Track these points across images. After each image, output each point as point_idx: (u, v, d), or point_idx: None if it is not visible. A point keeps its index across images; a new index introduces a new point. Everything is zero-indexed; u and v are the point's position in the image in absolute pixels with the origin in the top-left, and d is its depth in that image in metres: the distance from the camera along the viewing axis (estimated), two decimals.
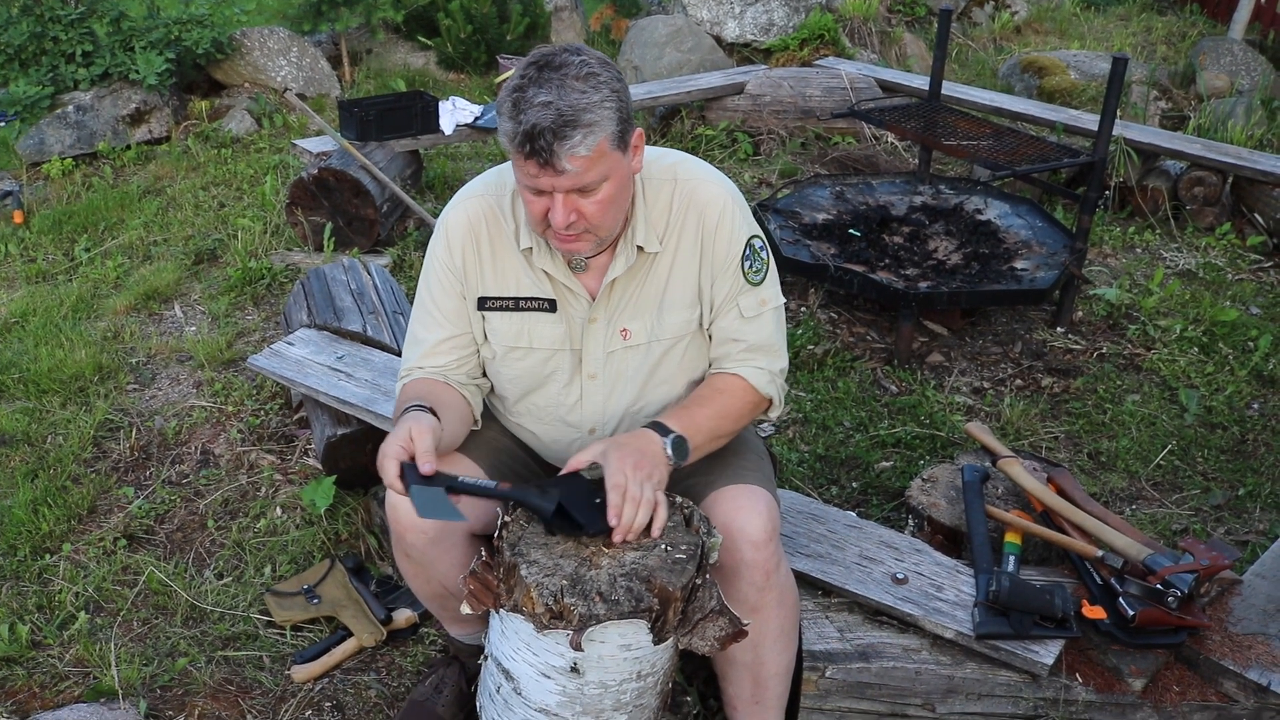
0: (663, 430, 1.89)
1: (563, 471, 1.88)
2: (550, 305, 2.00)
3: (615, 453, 1.82)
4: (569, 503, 1.83)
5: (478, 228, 2.00)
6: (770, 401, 2.08)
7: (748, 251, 2.02)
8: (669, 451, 1.87)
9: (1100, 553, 2.29)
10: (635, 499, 1.76)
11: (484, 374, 2.13)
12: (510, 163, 2.03)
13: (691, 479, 2.09)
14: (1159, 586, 2.19)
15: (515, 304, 2.01)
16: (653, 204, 1.98)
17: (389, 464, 1.79)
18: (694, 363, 2.09)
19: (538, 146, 1.71)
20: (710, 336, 2.08)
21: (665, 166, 2.01)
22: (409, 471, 1.80)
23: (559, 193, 1.77)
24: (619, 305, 2.00)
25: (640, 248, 1.96)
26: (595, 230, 1.85)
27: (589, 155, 1.73)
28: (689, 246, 2.00)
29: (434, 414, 1.90)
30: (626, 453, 1.82)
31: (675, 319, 2.03)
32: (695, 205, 1.99)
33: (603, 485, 1.82)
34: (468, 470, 2.02)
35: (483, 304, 2.03)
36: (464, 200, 2.03)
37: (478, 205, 2.01)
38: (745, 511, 1.94)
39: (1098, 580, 2.30)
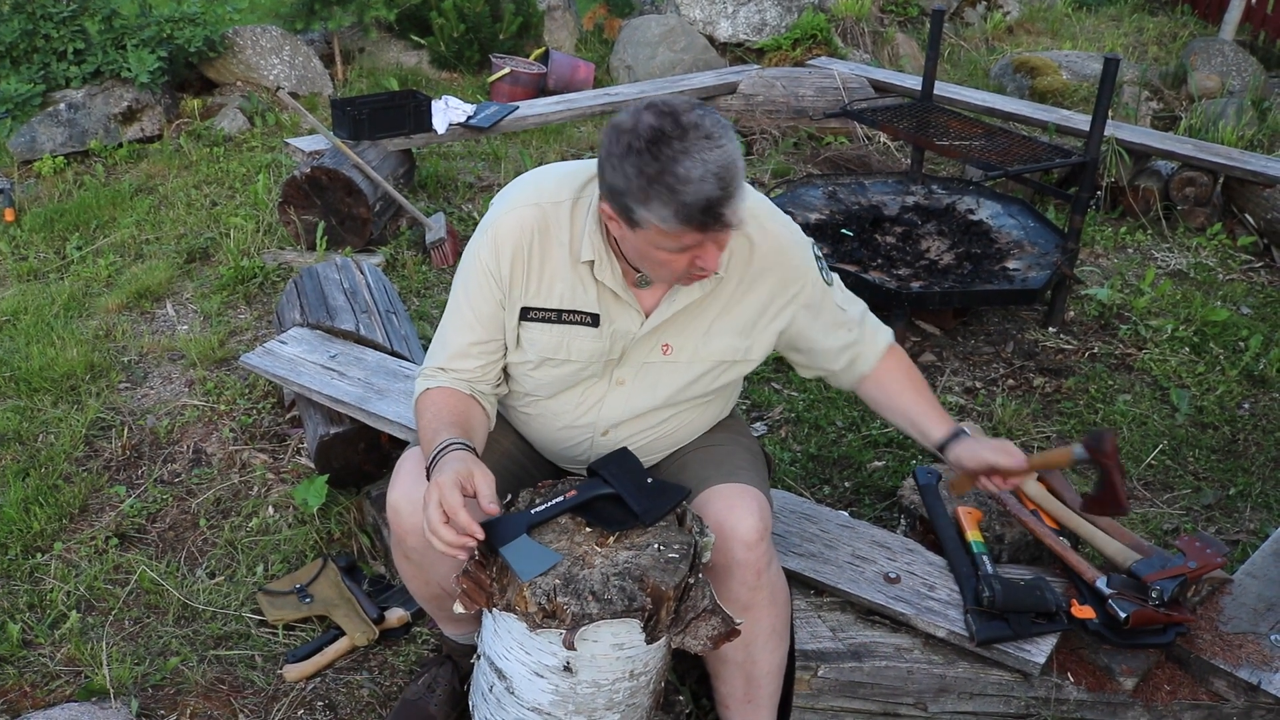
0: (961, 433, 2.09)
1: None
2: (593, 320, 1.97)
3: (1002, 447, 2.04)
4: (626, 493, 1.88)
5: (530, 237, 1.94)
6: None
7: (819, 265, 2.08)
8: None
9: (1101, 579, 2.27)
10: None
11: (502, 380, 2.10)
12: (571, 171, 1.99)
13: (684, 476, 2.09)
14: (1148, 587, 2.21)
15: (558, 316, 1.97)
16: None
17: (451, 494, 1.72)
18: (721, 384, 2.10)
19: (715, 214, 1.69)
20: (807, 349, 2.15)
21: None
22: (492, 532, 1.79)
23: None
24: (669, 321, 2.00)
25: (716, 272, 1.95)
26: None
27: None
28: (757, 288, 2.00)
29: (475, 451, 1.88)
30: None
31: (721, 344, 2.02)
32: (768, 251, 2.00)
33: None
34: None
35: (525, 314, 1.98)
36: (518, 207, 1.96)
37: (532, 214, 1.95)
38: (737, 511, 1.94)
39: (1085, 582, 2.30)
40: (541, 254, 1.95)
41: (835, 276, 2.17)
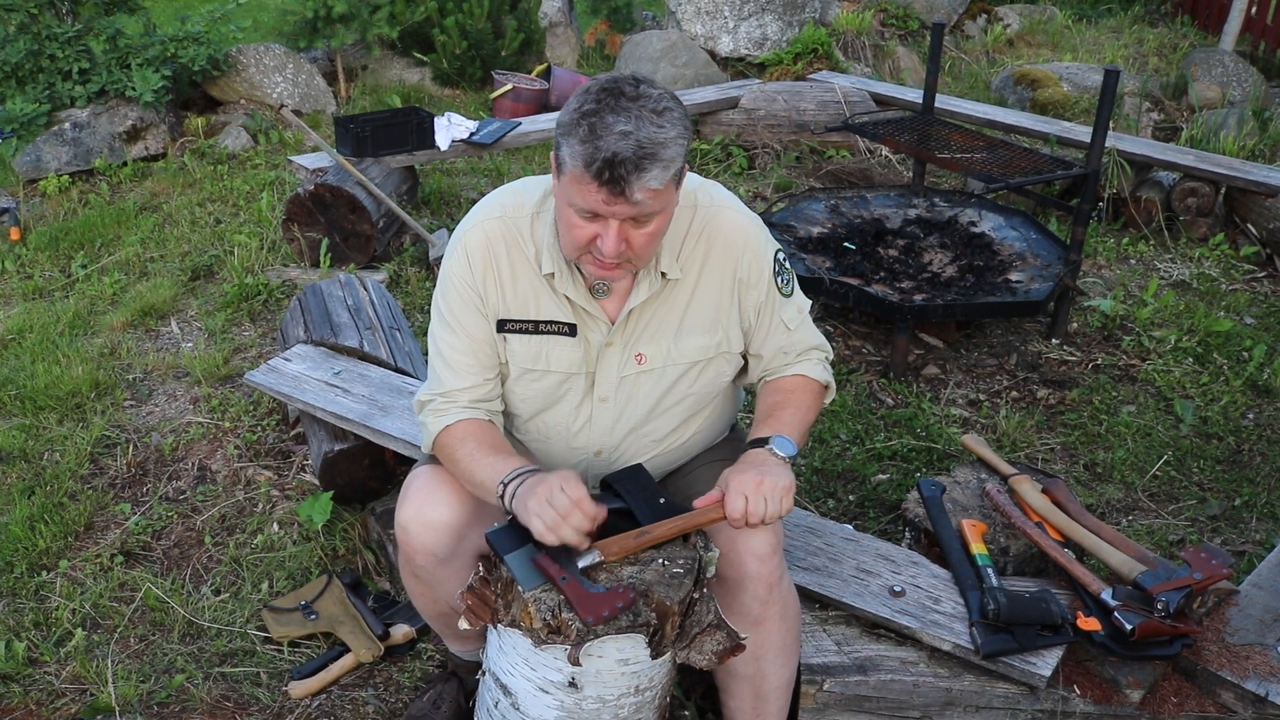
0: (760, 441, 1.94)
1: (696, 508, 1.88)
2: (570, 329, 1.98)
3: (734, 479, 1.85)
4: (639, 511, 1.88)
5: (496, 249, 1.97)
6: (828, 386, 2.15)
7: (776, 268, 2.06)
8: (778, 453, 1.92)
9: (1106, 591, 2.27)
10: (756, 519, 1.83)
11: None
12: (526, 182, 2.03)
13: (695, 492, 2.08)
14: (1153, 599, 2.20)
15: (535, 327, 1.99)
16: (673, 230, 1.97)
17: (575, 486, 1.76)
18: (707, 386, 2.09)
19: (616, 175, 1.68)
20: (748, 355, 2.12)
21: (684, 193, 2.00)
22: (499, 540, 1.81)
23: (614, 220, 1.76)
24: (636, 329, 2.00)
25: (664, 274, 1.96)
26: (636, 261, 1.85)
27: (660, 189, 1.73)
28: (711, 273, 2.00)
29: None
30: (746, 474, 1.85)
31: (693, 343, 2.03)
32: (717, 233, 2.00)
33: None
34: None
35: (502, 326, 2.00)
36: (481, 221, 1.99)
37: (496, 226, 1.98)
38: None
39: (1090, 594, 2.30)
40: (511, 265, 1.98)
41: (798, 294, 2.12)
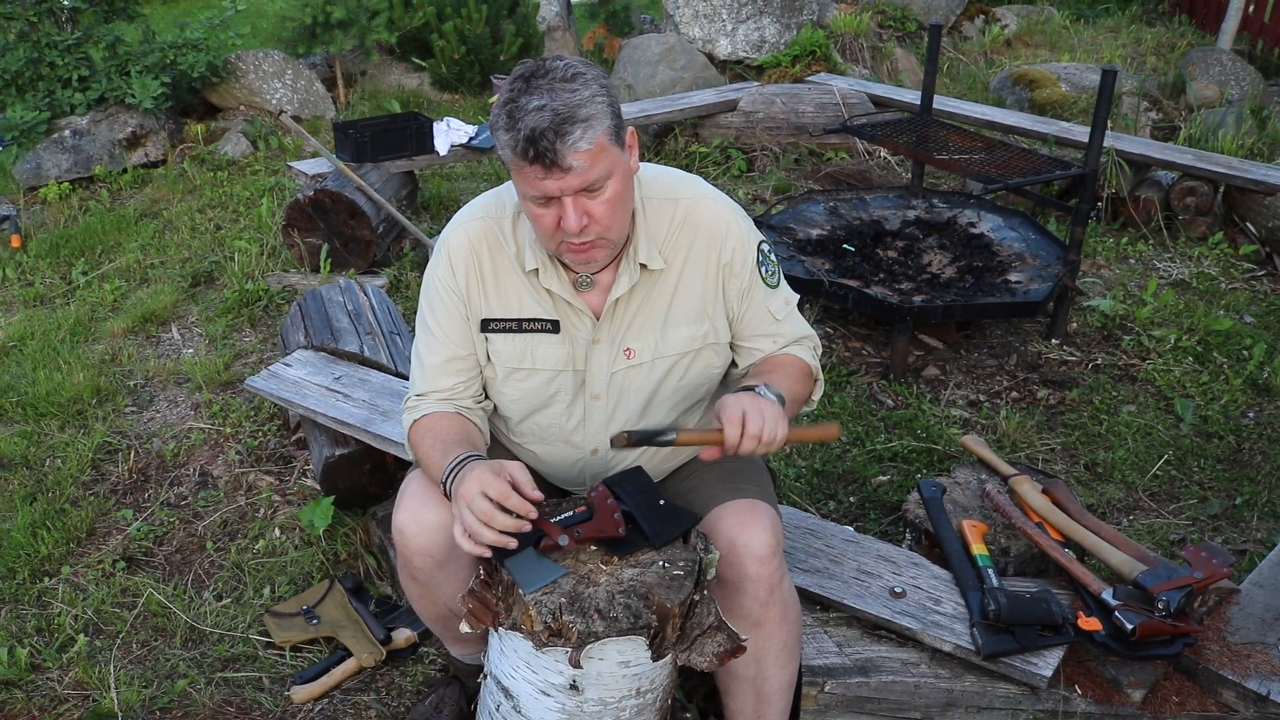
0: (747, 388, 1.90)
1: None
2: (553, 326, 2.00)
3: (729, 398, 1.83)
4: (639, 514, 1.87)
5: (479, 249, 2.00)
6: (817, 380, 2.12)
7: (760, 258, 2.06)
8: (765, 394, 1.87)
9: (1107, 590, 2.27)
10: (754, 434, 1.78)
11: (486, 396, 2.13)
12: (508, 184, 2.06)
13: (694, 494, 2.09)
14: (1154, 598, 2.21)
15: (518, 325, 2.01)
16: (654, 222, 1.99)
17: (496, 482, 1.74)
18: (697, 379, 2.09)
19: (541, 149, 1.71)
20: (735, 346, 2.10)
21: (666, 185, 2.02)
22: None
23: (567, 197, 1.78)
24: (623, 324, 2.01)
25: (643, 265, 1.97)
26: (607, 233, 1.84)
27: (591, 149, 1.74)
28: (695, 263, 2.01)
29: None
30: (739, 395, 1.83)
31: (680, 335, 2.03)
32: (700, 223, 2.00)
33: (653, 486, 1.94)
34: None
35: (485, 326, 2.02)
36: (464, 223, 2.03)
37: (478, 227, 2.01)
38: (750, 526, 1.94)
39: (1091, 594, 2.30)
40: (494, 265, 2.00)
41: (785, 286, 2.13)
